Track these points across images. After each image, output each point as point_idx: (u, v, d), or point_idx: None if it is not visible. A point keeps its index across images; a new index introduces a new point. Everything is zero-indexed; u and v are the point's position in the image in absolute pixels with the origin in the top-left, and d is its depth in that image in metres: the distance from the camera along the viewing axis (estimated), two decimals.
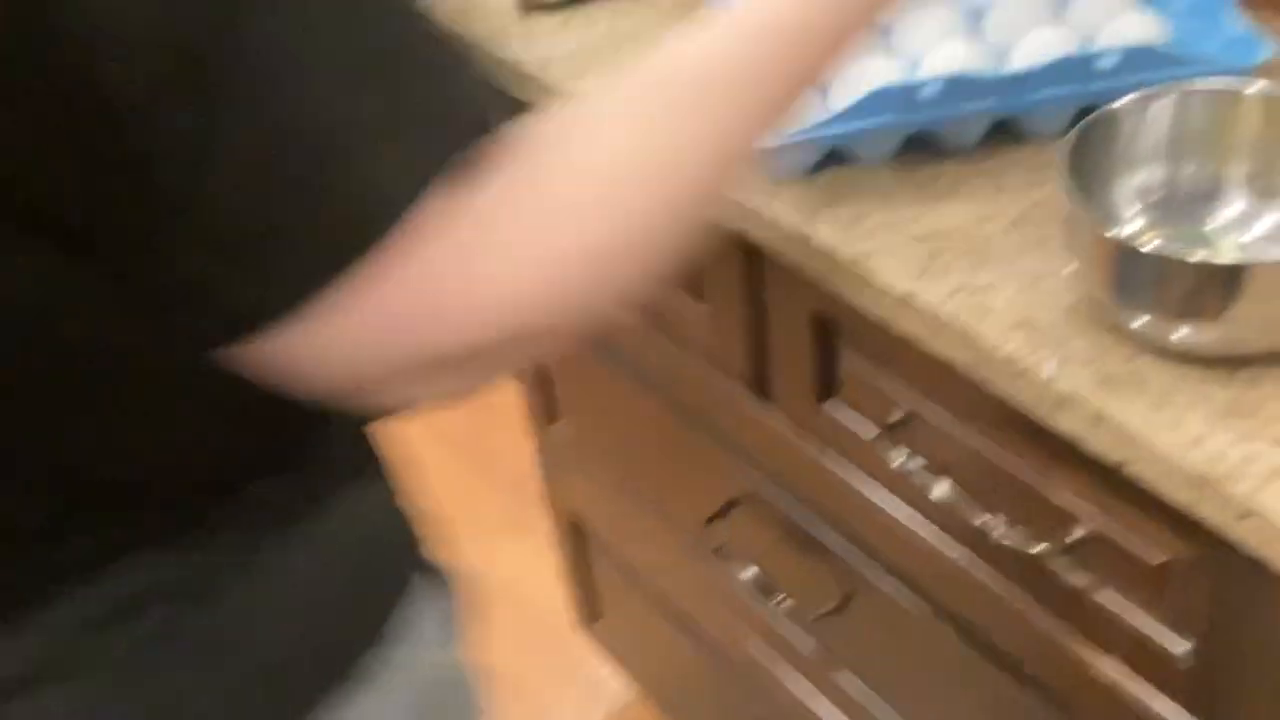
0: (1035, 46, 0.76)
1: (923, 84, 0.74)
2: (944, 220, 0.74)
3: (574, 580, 1.48)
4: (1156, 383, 0.63)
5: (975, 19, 0.82)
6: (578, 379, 1.21)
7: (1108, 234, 0.60)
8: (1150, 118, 0.67)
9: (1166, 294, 0.61)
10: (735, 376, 0.96)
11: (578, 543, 1.42)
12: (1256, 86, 0.66)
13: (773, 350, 0.90)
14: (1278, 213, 0.68)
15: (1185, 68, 0.74)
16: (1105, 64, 0.74)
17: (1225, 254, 0.68)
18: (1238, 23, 0.78)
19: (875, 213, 0.76)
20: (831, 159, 0.79)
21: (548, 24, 0.97)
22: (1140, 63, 0.74)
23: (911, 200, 0.76)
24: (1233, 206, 0.69)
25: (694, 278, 0.94)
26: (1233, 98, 0.67)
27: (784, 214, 0.77)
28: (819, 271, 0.76)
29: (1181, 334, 0.62)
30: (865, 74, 0.77)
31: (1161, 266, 0.60)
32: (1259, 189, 0.68)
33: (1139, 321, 0.63)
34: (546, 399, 1.29)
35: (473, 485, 1.94)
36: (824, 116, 0.76)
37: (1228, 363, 0.63)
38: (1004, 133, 0.78)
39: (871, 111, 0.75)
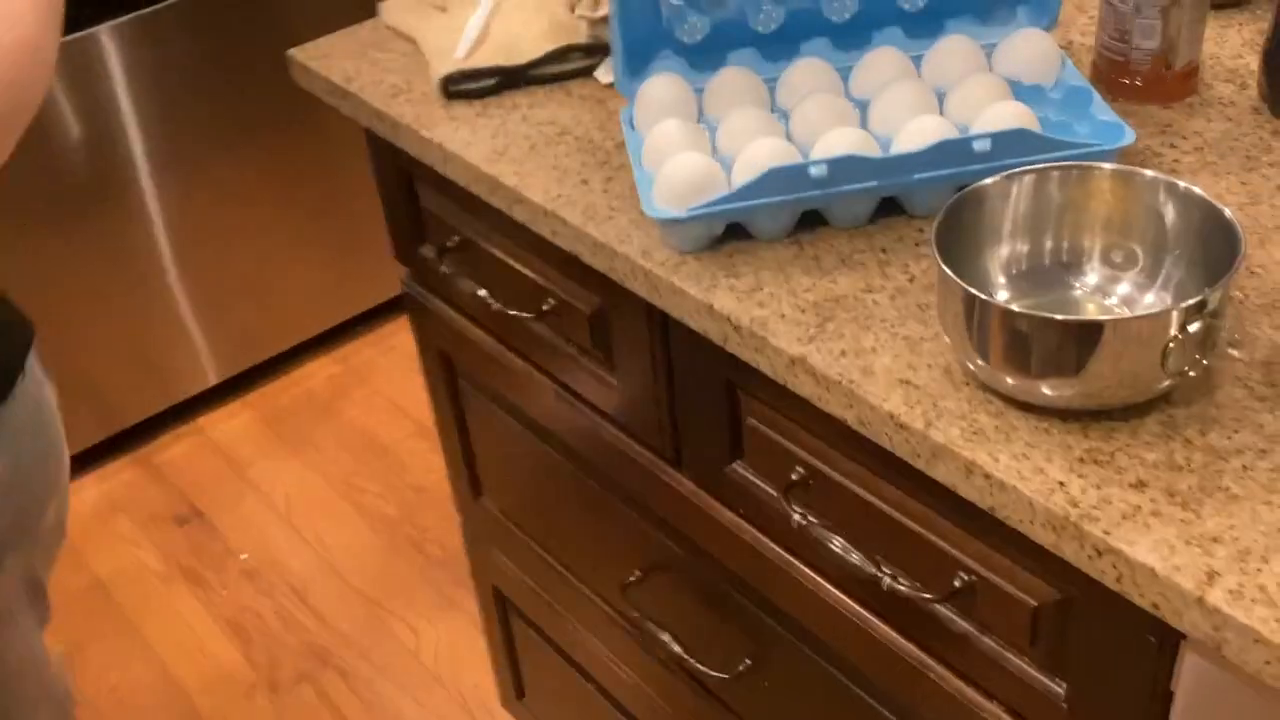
0: (916, 132, 0.82)
1: (813, 164, 0.80)
2: (834, 289, 0.79)
3: (499, 656, 1.49)
4: (1021, 434, 0.68)
5: (863, 109, 0.89)
6: (499, 452, 1.25)
7: (975, 296, 0.66)
8: (1014, 195, 0.73)
9: (1030, 351, 0.66)
10: (646, 443, 1.00)
11: (502, 618, 1.43)
12: (1107, 166, 0.73)
13: (681, 416, 0.94)
14: (1133, 280, 0.74)
15: (1054, 151, 0.81)
16: (980, 147, 0.80)
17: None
18: (1104, 113, 0.85)
19: (771, 282, 0.81)
20: (733, 233, 0.84)
21: (468, 110, 1.02)
22: (1012, 146, 0.80)
23: (804, 271, 0.81)
24: (1093, 275, 0.75)
25: (606, 348, 0.98)
26: (1087, 176, 0.73)
27: (688, 283, 0.82)
28: (720, 336, 0.81)
29: (1043, 389, 0.67)
30: (762, 156, 0.82)
31: (1024, 325, 0.65)
32: (1115, 259, 0.74)
33: (1005, 378, 0.68)
34: (470, 474, 1.32)
35: (403, 566, 1.95)
36: (724, 193, 0.82)
37: (1086, 415, 0.68)
38: (890, 210, 0.84)
39: (767, 189, 0.80)
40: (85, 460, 2.18)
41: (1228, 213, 0.68)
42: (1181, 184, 0.71)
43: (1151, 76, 0.92)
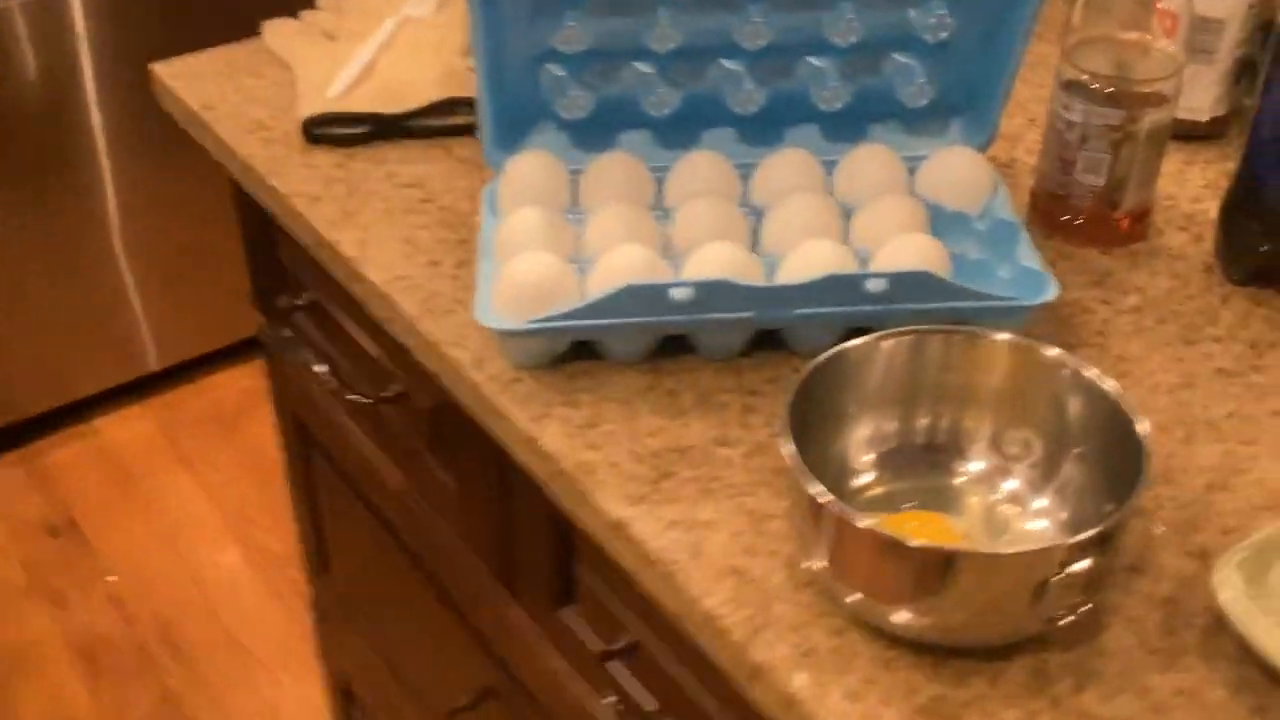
0: (806, 259, 0.70)
1: (677, 286, 0.68)
2: (683, 437, 0.67)
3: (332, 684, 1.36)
4: (862, 663, 0.55)
5: (756, 218, 0.76)
6: (346, 532, 1.12)
7: (820, 499, 0.53)
8: (886, 360, 0.61)
9: (876, 570, 0.54)
10: (482, 560, 0.87)
11: (346, 704, 1.30)
12: (1002, 336, 0.61)
13: (516, 542, 0.82)
14: (1025, 474, 0.62)
15: (961, 300, 0.69)
16: (874, 287, 0.68)
17: (967, 514, 0.62)
18: (1029, 257, 0.73)
19: (613, 418, 0.68)
20: (583, 349, 0.72)
21: (329, 159, 0.89)
22: (912, 290, 0.68)
23: (654, 409, 0.69)
24: (979, 461, 0.62)
25: (446, 451, 0.86)
26: (974, 344, 0.61)
27: (516, 407, 0.69)
28: (544, 475, 0.68)
29: (890, 615, 0.54)
30: (621, 267, 0.70)
31: (867, 541, 0.53)
32: (1007, 447, 0.62)
33: (846, 594, 0.55)
34: (320, 546, 1.19)
35: (281, 613, 1.81)
36: (572, 306, 0.69)
37: (940, 651, 0.55)
38: (772, 345, 0.72)
39: (621, 309, 0.68)
40: None
41: (1139, 426, 0.56)
42: (1090, 374, 0.59)
43: (1094, 216, 0.80)
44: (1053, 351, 0.59)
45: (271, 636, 1.78)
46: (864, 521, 0.52)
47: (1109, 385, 0.58)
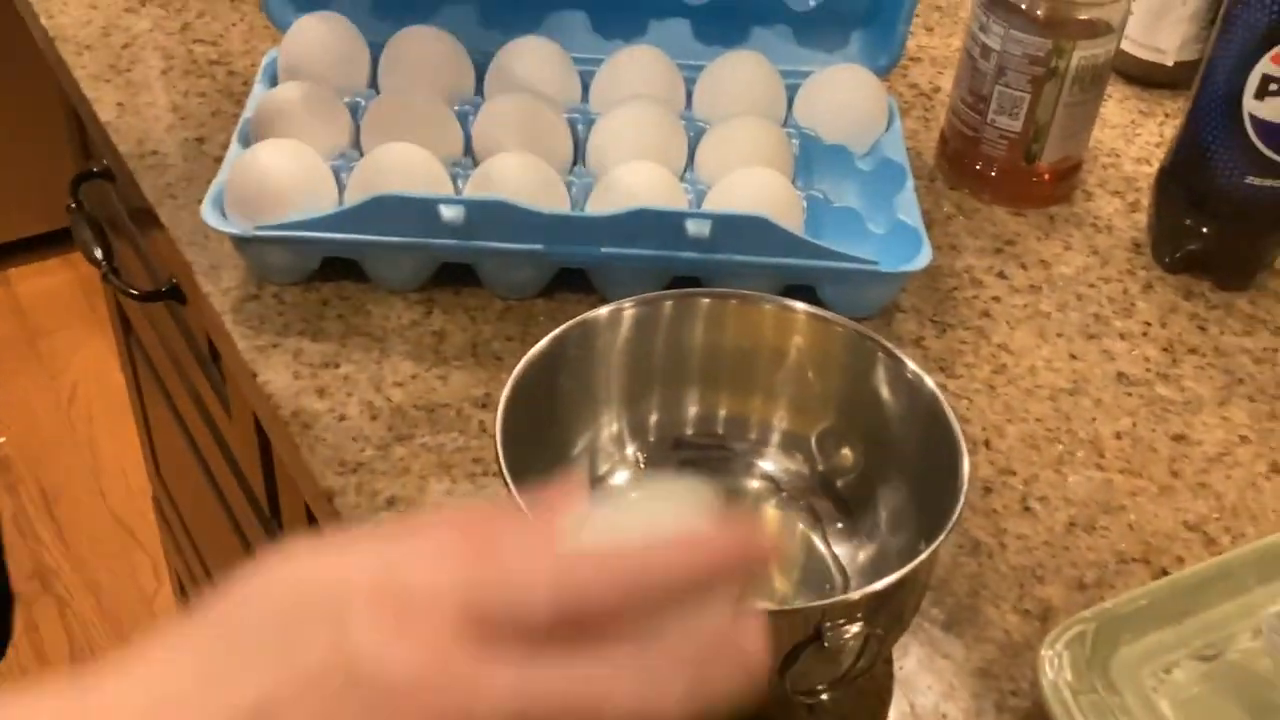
0: (622, 186, 0.56)
1: (446, 202, 0.54)
2: (437, 392, 0.54)
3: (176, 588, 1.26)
4: None
5: (588, 128, 0.62)
6: (165, 433, 1.00)
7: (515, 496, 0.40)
8: (640, 331, 0.47)
9: None
10: (254, 498, 0.75)
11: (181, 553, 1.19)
12: (801, 308, 0.47)
13: (280, 488, 0.70)
14: (827, 484, 0.49)
15: (805, 258, 0.55)
16: (695, 230, 0.54)
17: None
18: (908, 211, 0.59)
19: (358, 357, 0.55)
20: (349, 268, 0.58)
21: (118, 1, 0.75)
22: (740, 238, 0.54)
23: (413, 352, 0.56)
24: (771, 462, 0.49)
25: (220, 369, 0.73)
26: (751, 313, 0.47)
27: (243, 330, 0.56)
28: (265, 418, 0.56)
29: None
30: (390, 169, 0.56)
31: None
32: (811, 446, 0.49)
33: None
34: (150, 441, 1.07)
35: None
36: (325, 210, 0.56)
37: None
38: (582, 286, 0.59)
39: (374, 224, 0.54)
40: None
41: (963, 445, 0.42)
42: (910, 368, 0.45)
43: (1008, 168, 0.65)
44: (866, 335, 0.46)
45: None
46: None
47: (929, 384, 0.44)
